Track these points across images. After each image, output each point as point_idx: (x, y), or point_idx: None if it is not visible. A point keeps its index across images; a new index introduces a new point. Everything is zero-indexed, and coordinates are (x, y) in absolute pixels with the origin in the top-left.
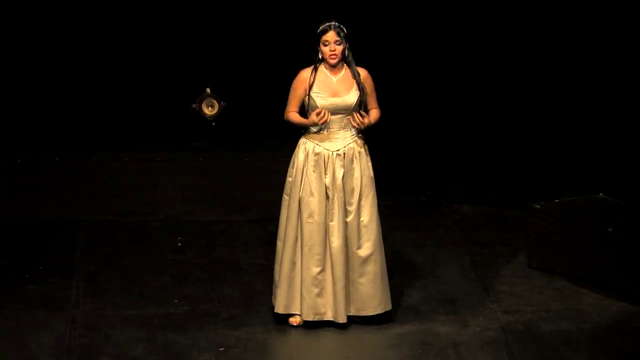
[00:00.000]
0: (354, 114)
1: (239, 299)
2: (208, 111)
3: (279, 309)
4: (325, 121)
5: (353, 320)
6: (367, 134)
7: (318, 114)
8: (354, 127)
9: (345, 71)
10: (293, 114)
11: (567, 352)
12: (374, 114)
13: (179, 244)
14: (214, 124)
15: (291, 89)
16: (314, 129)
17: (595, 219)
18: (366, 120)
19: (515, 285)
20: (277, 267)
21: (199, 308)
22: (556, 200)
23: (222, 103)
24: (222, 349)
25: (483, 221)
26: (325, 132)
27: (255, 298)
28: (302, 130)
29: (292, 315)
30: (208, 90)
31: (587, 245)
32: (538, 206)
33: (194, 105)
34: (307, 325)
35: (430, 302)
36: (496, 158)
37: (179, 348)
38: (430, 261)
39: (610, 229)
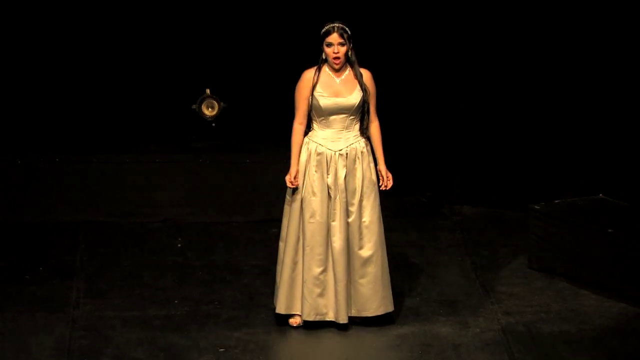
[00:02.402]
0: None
1: (239, 300)
2: (208, 112)
3: (280, 309)
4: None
5: (354, 321)
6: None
7: (292, 179)
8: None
9: (348, 72)
10: (298, 137)
11: (567, 353)
12: (379, 138)
13: (179, 245)
14: (214, 125)
15: (296, 92)
16: (317, 129)
17: (596, 220)
18: (389, 180)
19: (516, 286)
20: (278, 268)
21: (199, 309)
22: (556, 202)
23: (222, 104)
24: (222, 350)
25: (483, 222)
26: (328, 132)
27: (255, 299)
28: (305, 130)
29: (292, 316)
30: (208, 91)
31: (587, 247)
32: (538, 207)
33: (194, 106)
34: (308, 326)
35: (431, 303)
36: (497, 159)
37: (179, 349)
38: (431, 262)
39: (610, 230)
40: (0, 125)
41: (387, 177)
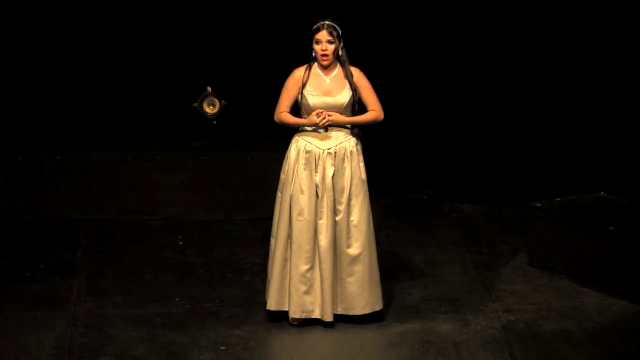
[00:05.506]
0: (319, 112)
1: (239, 298)
2: (209, 110)
3: (271, 305)
4: (326, 122)
5: (353, 320)
6: (366, 133)
7: (318, 115)
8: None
9: (338, 71)
10: (286, 115)
11: (567, 351)
12: (367, 115)
13: (180, 243)
14: (215, 122)
15: (284, 88)
16: (308, 128)
17: (596, 217)
18: (328, 118)
19: (516, 284)
20: (269, 263)
21: (200, 307)
22: (557, 199)
23: (223, 102)
24: (223, 347)
25: (484, 220)
26: (319, 131)
27: (255, 297)
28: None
29: None
30: (209, 89)
31: (587, 244)
32: (539, 205)
33: (195, 104)
34: (308, 325)
35: (431, 301)
36: (497, 157)
37: (179, 347)
38: (431, 260)
39: (611, 228)
40: (1, 122)
41: (324, 114)
